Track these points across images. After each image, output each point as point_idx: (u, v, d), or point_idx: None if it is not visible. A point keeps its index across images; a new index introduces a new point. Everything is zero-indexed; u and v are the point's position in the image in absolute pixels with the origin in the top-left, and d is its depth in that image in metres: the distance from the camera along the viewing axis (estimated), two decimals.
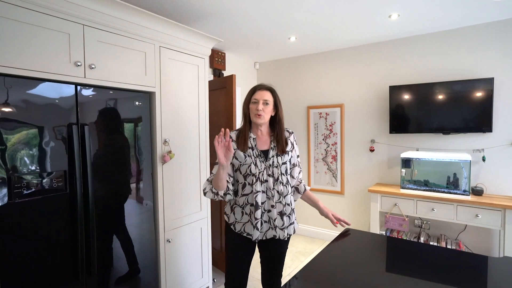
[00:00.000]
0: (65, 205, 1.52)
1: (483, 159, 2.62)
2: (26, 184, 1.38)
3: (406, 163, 2.79)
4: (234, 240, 1.52)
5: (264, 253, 1.59)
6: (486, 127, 2.55)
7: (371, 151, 3.18)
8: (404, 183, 2.78)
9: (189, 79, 2.21)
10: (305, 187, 1.65)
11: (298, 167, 1.63)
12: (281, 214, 1.47)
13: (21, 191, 1.37)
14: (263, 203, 1.46)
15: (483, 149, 2.64)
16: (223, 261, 2.74)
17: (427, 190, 2.66)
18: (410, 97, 2.85)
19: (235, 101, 2.52)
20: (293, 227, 1.53)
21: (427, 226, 2.87)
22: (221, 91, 2.64)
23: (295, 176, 1.61)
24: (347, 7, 2.23)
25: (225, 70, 3.40)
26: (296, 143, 1.64)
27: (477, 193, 2.52)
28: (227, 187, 1.46)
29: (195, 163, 2.27)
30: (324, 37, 2.93)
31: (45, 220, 1.45)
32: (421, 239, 2.73)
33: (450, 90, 2.67)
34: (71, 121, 1.54)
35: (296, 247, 3.31)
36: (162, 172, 2.02)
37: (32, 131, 1.40)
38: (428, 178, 2.72)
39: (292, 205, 1.52)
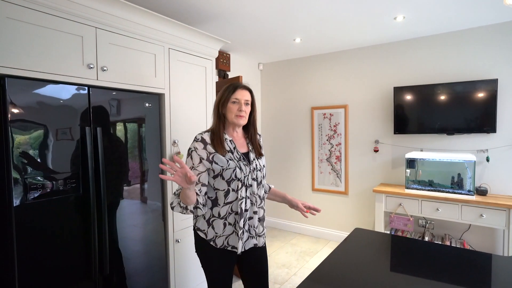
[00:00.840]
0: (78, 206, 1.54)
1: (487, 160, 2.65)
2: (40, 185, 1.40)
3: (410, 163, 2.82)
4: (216, 257, 1.34)
5: (246, 266, 1.43)
6: (490, 128, 2.58)
7: (375, 151, 3.21)
8: (408, 183, 2.80)
9: (197, 81, 2.23)
10: (269, 185, 1.59)
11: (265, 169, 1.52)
12: (259, 220, 1.39)
13: (36, 192, 1.39)
14: (246, 211, 1.33)
15: (487, 150, 2.67)
16: None
17: (431, 190, 2.69)
18: (414, 98, 2.88)
19: None
20: (264, 231, 1.44)
21: (431, 226, 2.90)
22: None
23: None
24: (353, 9, 2.26)
25: (229, 71, 3.42)
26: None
27: (482, 193, 2.54)
28: (197, 201, 1.26)
29: None
30: (329, 38, 2.95)
31: (59, 220, 1.47)
32: (426, 239, 2.76)
33: (454, 91, 2.70)
34: (84, 123, 1.56)
35: (301, 247, 3.34)
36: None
37: (46, 133, 1.42)
38: (432, 178, 2.74)
39: (264, 207, 1.45)
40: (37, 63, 1.37)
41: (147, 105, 1.89)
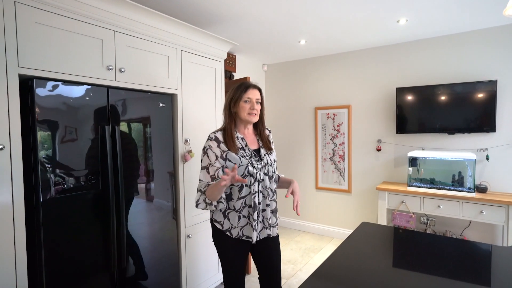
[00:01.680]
0: (98, 201, 1.61)
1: (487, 158, 2.73)
2: (64, 181, 1.47)
3: (412, 162, 2.90)
4: (231, 247, 1.45)
5: (260, 255, 1.52)
6: (489, 128, 2.66)
7: (378, 150, 3.29)
8: (411, 181, 2.88)
9: (207, 81, 2.30)
10: (278, 175, 1.62)
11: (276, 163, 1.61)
12: (272, 212, 1.48)
13: (60, 188, 1.46)
14: (259, 203, 1.43)
15: (487, 149, 2.75)
16: None
17: (433, 187, 2.77)
18: (416, 98, 2.96)
19: None
20: (277, 222, 1.53)
21: (433, 222, 2.98)
22: None
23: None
24: (358, 12, 2.33)
25: (235, 72, 3.49)
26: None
27: (482, 190, 2.63)
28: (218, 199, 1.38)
29: None
30: (333, 40, 3.03)
31: (80, 214, 1.54)
32: None
33: (455, 91, 2.78)
34: (103, 122, 1.63)
35: (305, 244, 3.41)
36: (183, 170, 2.11)
37: (69, 131, 1.49)
38: (434, 176, 2.82)
39: (277, 202, 1.54)
40: (61, 65, 1.45)
41: (160, 105, 1.97)
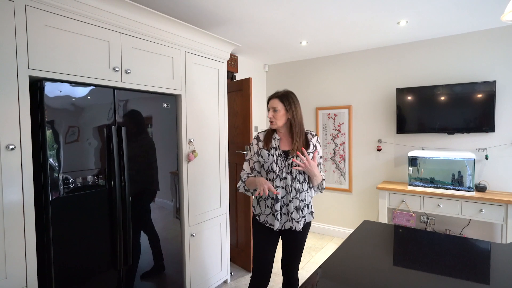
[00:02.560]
0: (105, 200, 1.64)
1: (486, 158, 2.77)
2: (73, 180, 1.50)
3: (413, 161, 2.93)
4: (259, 229, 1.71)
5: (284, 242, 1.76)
6: (488, 128, 2.69)
7: (378, 150, 3.32)
8: (411, 181, 2.92)
9: (210, 82, 2.34)
10: (324, 187, 1.75)
11: (319, 167, 1.73)
12: (296, 208, 1.61)
13: (68, 187, 1.49)
14: (282, 198, 1.62)
15: (486, 148, 2.79)
16: (239, 256, 2.86)
17: (433, 187, 2.80)
18: (416, 98, 3.00)
19: (251, 103, 2.65)
20: (304, 220, 1.66)
21: (433, 221, 3.02)
22: (237, 94, 2.77)
23: None
24: (359, 14, 2.37)
25: (237, 72, 3.53)
26: (320, 144, 1.76)
27: (481, 189, 2.66)
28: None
29: (215, 161, 2.40)
30: (334, 41, 3.06)
31: (88, 213, 1.57)
32: None
33: (454, 92, 2.82)
34: (110, 123, 1.66)
35: (306, 243, 3.45)
36: (187, 170, 2.14)
37: (77, 132, 1.52)
38: (434, 175, 2.86)
39: (306, 201, 1.65)
40: (70, 67, 1.48)
41: (165, 105, 2.00)
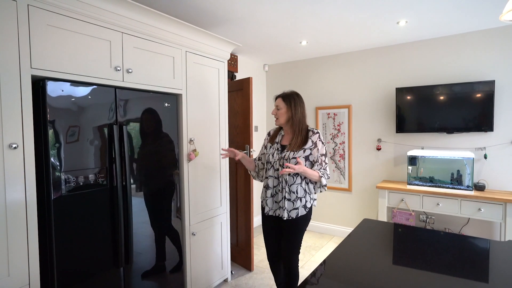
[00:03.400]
0: (106, 199, 1.65)
1: (485, 157, 2.78)
2: (74, 179, 1.51)
3: (412, 160, 2.95)
4: (262, 212, 1.93)
5: (281, 232, 1.89)
6: (487, 127, 2.71)
7: (378, 149, 3.34)
8: (410, 180, 2.93)
9: (210, 82, 2.34)
10: (323, 185, 1.77)
11: (319, 164, 1.77)
12: (285, 198, 1.75)
13: (70, 186, 1.50)
14: (275, 187, 1.82)
15: (485, 147, 2.80)
16: (240, 255, 2.88)
17: (432, 186, 2.82)
18: (415, 98, 3.01)
19: (251, 103, 2.66)
20: (296, 212, 1.75)
21: (432, 220, 3.03)
22: (238, 93, 2.78)
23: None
24: (359, 14, 2.38)
25: (237, 72, 3.54)
26: (322, 142, 1.80)
27: (480, 188, 2.68)
28: (254, 169, 2.02)
29: (215, 160, 2.41)
30: (334, 41, 3.08)
31: (90, 212, 1.58)
32: None
33: (453, 91, 2.83)
34: (111, 122, 1.67)
35: (306, 242, 3.46)
36: (187, 169, 2.15)
37: (78, 131, 1.53)
38: (433, 174, 2.88)
39: (298, 194, 1.74)
40: (71, 66, 1.48)
41: (166, 105, 2.00)
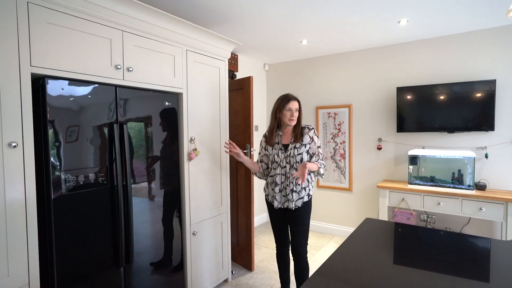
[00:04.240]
0: (107, 198, 1.64)
1: (486, 156, 2.78)
2: (74, 178, 1.50)
3: (413, 160, 2.94)
4: (269, 208, 2.12)
5: (287, 220, 2.07)
6: (488, 126, 2.70)
7: (379, 149, 3.33)
8: (411, 179, 2.93)
9: (211, 81, 2.33)
10: (321, 174, 2.01)
11: (316, 155, 2.01)
12: (292, 191, 1.96)
13: (71, 185, 1.49)
14: (282, 182, 2.00)
15: (486, 147, 2.80)
16: (240, 255, 2.86)
17: (433, 185, 2.81)
18: (416, 97, 3.00)
19: (252, 102, 2.65)
20: (301, 201, 1.98)
21: (433, 220, 3.03)
22: (238, 92, 2.77)
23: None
24: (360, 13, 2.37)
25: (237, 71, 3.53)
26: (317, 136, 2.04)
27: (481, 188, 2.67)
28: (259, 171, 2.15)
29: (216, 159, 2.40)
30: (335, 40, 3.07)
31: (90, 211, 1.57)
32: None
33: (454, 91, 2.83)
34: (111, 121, 1.66)
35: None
36: (188, 168, 2.14)
37: (78, 130, 1.51)
38: (434, 174, 2.87)
39: (302, 185, 1.96)
40: (71, 64, 1.47)
41: (166, 103, 1.99)
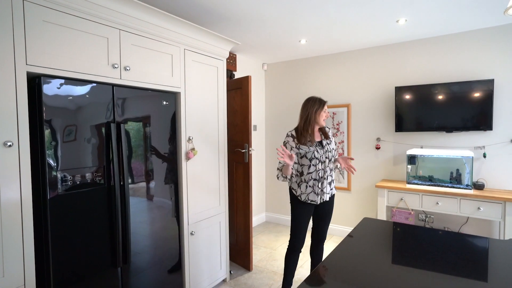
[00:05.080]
0: (104, 198, 1.63)
1: (484, 156, 2.78)
2: (71, 178, 1.49)
3: (411, 159, 2.94)
4: (301, 207, 2.08)
5: (317, 213, 2.15)
6: (486, 126, 2.71)
7: (377, 149, 3.33)
8: (409, 179, 2.93)
9: (209, 80, 2.33)
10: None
11: (336, 151, 2.20)
12: (329, 184, 2.10)
13: (67, 185, 1.47)
14: (321, 177, 2.05)
15: (484, 146, 2.80)
16: (238, 255, 2.86)
17: (431, 185, 2.81)
18: (415, 97, 3.00)
19: (250, 102, 2.64)
20: (332, 192, 2.14)
21: (431, 219, 3.03)
22: (237, 92, 2.76)
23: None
24: (358, 13, 2.37)
25: (236, 71, 3.52)
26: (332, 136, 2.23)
27: (479, 187, 2.67)
28: (291, 172, 2.08)
29: (214, 159, 2.39)
30: (334, 40, 3.06)
31: (87, 211, 1.56)
32: None
33: (453, 90, 2.83)
34: (108, 120, 1.65)
35: (306, 241, 3.44)
36: (186, 168, 2.13)
37: (75, 129, 1.50)
38: (432, 173, 2.87)
39: (333, 177, 2.15)
40: (68, 63, 1.46)
41: (164, 103, 1.98)
